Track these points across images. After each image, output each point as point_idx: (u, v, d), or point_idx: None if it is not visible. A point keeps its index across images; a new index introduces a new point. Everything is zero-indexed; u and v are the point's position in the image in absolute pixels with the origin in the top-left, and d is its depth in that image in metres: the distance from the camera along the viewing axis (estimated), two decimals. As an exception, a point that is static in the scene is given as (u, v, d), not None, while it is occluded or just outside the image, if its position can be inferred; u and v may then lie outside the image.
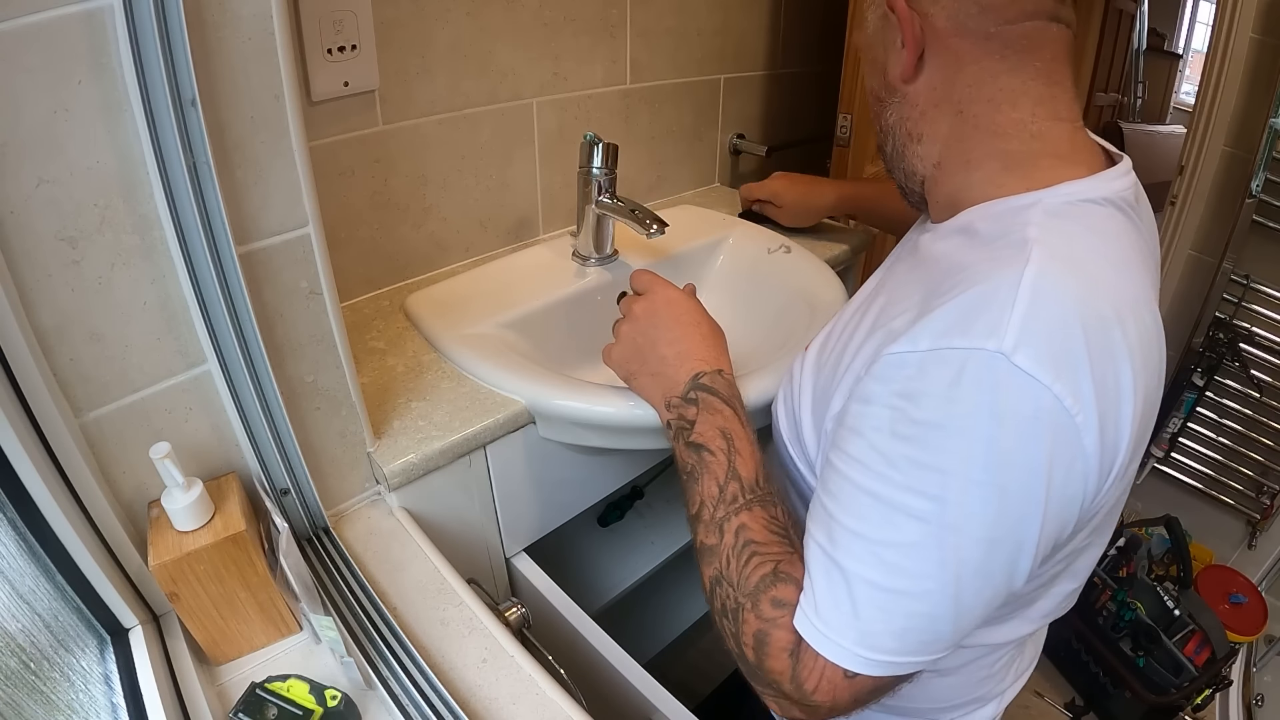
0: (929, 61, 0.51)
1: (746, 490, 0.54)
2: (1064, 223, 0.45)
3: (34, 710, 0.45)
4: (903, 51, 0.51)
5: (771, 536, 0.51)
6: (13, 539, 0.49)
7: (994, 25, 0.48)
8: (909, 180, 0.57)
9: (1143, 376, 0.42)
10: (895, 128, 0.55)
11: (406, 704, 0.52)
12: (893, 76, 0.53)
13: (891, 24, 0.52)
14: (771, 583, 0.49)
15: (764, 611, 0.48)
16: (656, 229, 0.84)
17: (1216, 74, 1.39)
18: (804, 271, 0.97)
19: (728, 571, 0.51)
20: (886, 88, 0.54)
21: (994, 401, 0.39)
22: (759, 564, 0.50)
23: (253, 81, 0.49)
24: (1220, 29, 1.35)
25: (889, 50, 0.53)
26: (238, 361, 0.55)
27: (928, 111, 0.52)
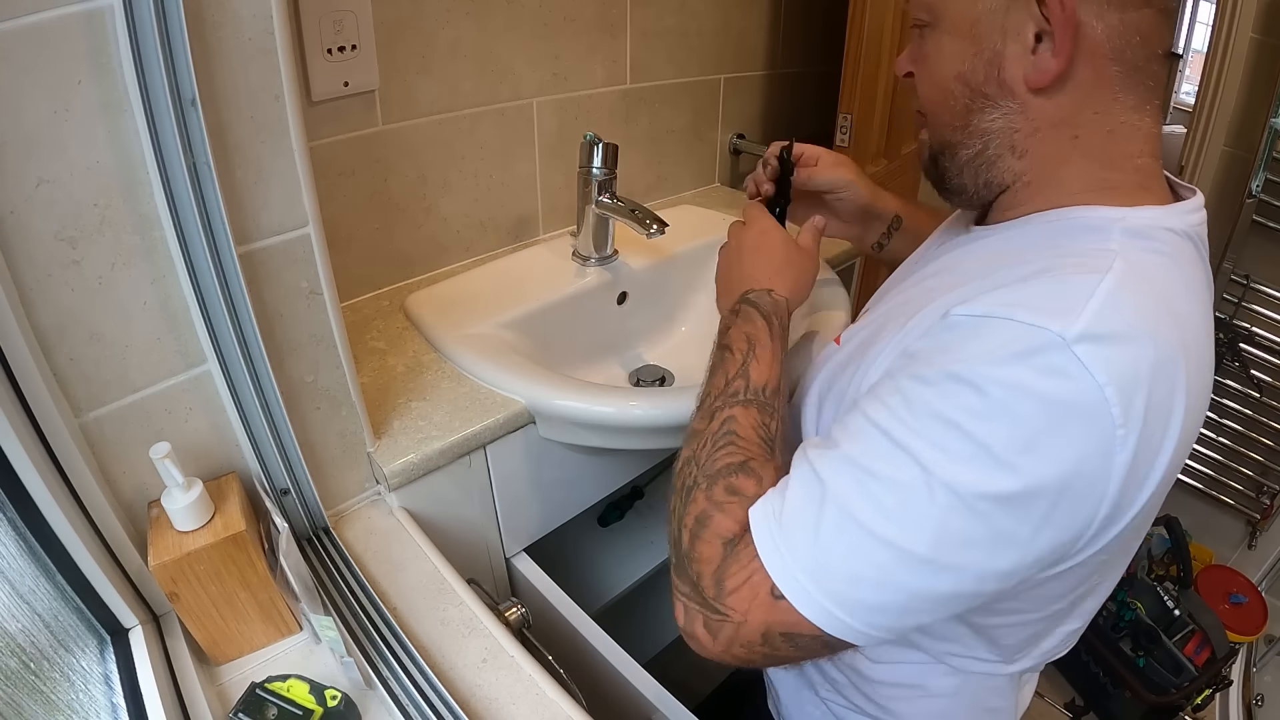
0: (1071, 78, 0.45)
1: (750, 390, 0.52)
2: (1145, 243, 0.43)
3: (34, 710, 0.45)
4: (1041, 55, 0.44)
5: (755, 437, 0.50)
6: (13, 539, 0.49)
7: (1144, 58, 0.44)
8: (984, 190, 0.51)
9: (1190, 419, 0.40)
10: (996, 135, 0.48)
11: (406, 704, 0.52)
12: (1013, 78, 0.46)
13: (1029, 14, 0.44)
14: (735, 471, 0.47)
15: (715, 495, 0.46)
16: (656, 229, 0.85)
17: (1216, 74, 1.39)
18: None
19: (700, 453, 0.49)
20: (998, 86, 0.46)
21: (1038, 381, 0.37)
22: (730, 453, 0.48)
23: (253, 81, 0.49)
24: (1220, 29, 1.35)
25: (1011, 41, 0.45)
26: (238, 361, 0.55)
27: (1043, 129, 0.47)
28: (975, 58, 0.47)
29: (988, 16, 0.46)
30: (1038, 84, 0.45)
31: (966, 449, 0.38)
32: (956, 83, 0.48)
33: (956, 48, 0.47)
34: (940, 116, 0.51)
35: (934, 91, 0.50)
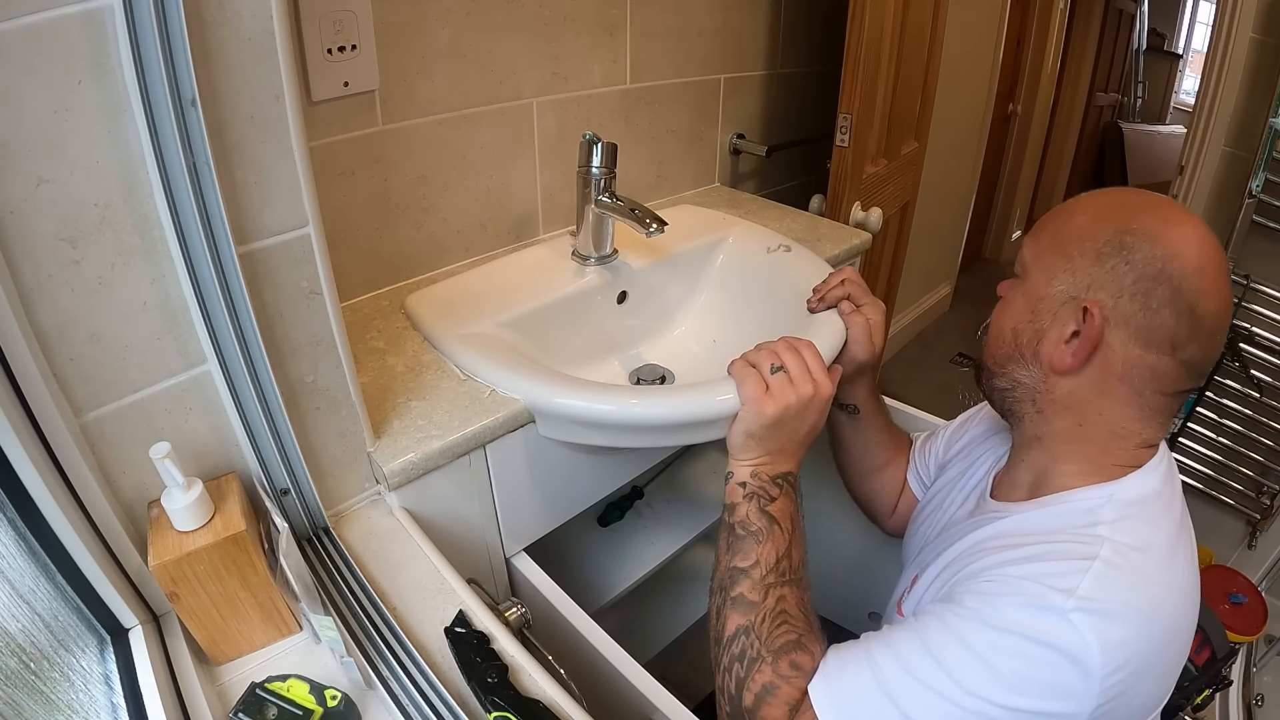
0: (1083, 375, 0.56)
1: (794, 569, 0.63)
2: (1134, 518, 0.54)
3: (34, 710, 0.45)
4: (1069, 345, 0.56)
5: (801, 614, 0.60)
6: (13, 539, 0.49)
7: (1150, 391, 0.55)
8: (1006, 414, 0.64)
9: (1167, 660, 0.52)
10: (1021, 385, 0.60)
11: (406, 704, 0.52)
12: (1044, 354, 0.57)
13: (1071, 311, 0.55)
14: (793, 649, 0.58)
15: (781, 669, 0.57)
16: (656, 228, 0.84)
17: (1216, 74, 1.39)
18: (803, 271, 0.96)
19: (759, 628, 0.59)
20: (1031, 351, 0.58)
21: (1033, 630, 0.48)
22: (787, 631, 0.59)
23: (253, 81, 0.49)
24: (1220, 29, 1.35)
25: (1054, 325, 0.56)
26: (238, 361, 0.55)
27: (1056, 403, 0.58)
28: (1029, 324, 0.59)
29: (1050, 300, 0.57)
30: (1056, 368, 0.57)
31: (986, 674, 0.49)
32: (1010, 333, 0.60)
33: (1023, 308, 0.59)
34: (992, 345, 0.63)
35: (996, 327, 0.63)
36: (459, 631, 0.57)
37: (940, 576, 0.62)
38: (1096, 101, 3.90)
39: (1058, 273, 0.56)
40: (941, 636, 0.52)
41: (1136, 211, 0.54)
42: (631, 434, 0.74)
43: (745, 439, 0.67)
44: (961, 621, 0.51)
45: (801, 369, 0.66)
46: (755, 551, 0.62)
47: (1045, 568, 0.51)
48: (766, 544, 0.63)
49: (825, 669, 0.56)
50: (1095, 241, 0.54)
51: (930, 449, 0.85)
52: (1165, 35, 4.20)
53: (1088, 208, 0.58)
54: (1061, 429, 0.58)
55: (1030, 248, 0.60)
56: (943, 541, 0.67)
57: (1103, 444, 0.57)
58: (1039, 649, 0.48)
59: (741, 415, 0.67)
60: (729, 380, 0.68)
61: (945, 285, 2.90)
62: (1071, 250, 0.56)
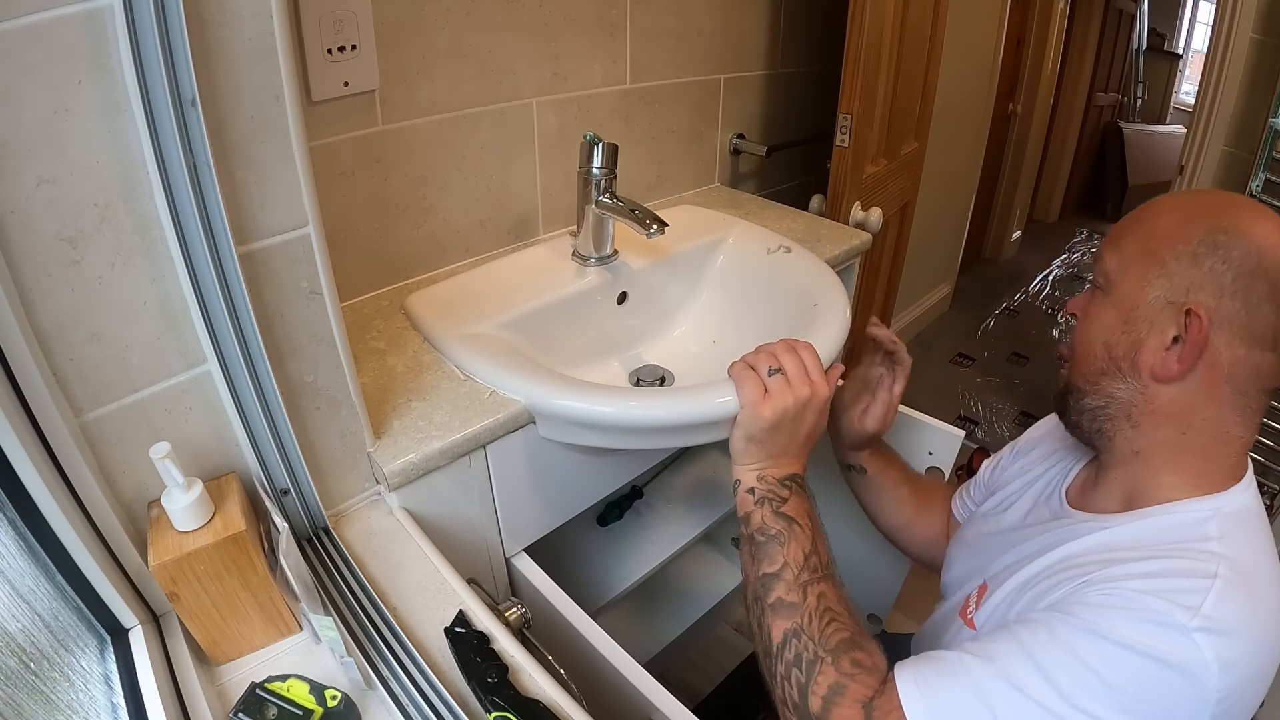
0: (1188, 380, 0.54)
1: (824, 565, 0.62)
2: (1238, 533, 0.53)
3: (34, 710, 0.45)
4: (1172, 351, 0.54)
5: (845, 610, 0.60)
6: (13, 539, 0.49)
7: (1254, 389, 0.54)
8: (1096, 436, 0.61)
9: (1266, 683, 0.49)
10: (1115, 400, 0.58)
11: (406, 704, 0.52)
12: (1144, 363, 0.56)
13: (1171, 316, 0.54)
14: (850, 647, 0.57)
15: (844, 668, 0.55)
16: (656, 229, 0.84)
17: (1216, 74, 1.39)
18: (804, 271, 0.97)
19: (809, 628, 0.58)
20: (1129, 363, 0.56)
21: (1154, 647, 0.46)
22: (838, 629, 0.58)
23: (253, 81, 0.49)
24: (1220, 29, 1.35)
25: (1152, 333, 0.55)
26: (238, 361, 0.55)
27: (1157, 414, 0.56)
28: (1123, 335, 0.57)
29: (1145, 308, 0.56)
30: (1159, 376, 0.55)
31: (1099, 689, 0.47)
32: (1102, 347, 0.58)
33: (1113, 319, 0.58)
34: (1081, 364, 0.61)
35: (1084, 344, 0.60)
36: (459, 631, 0.57)
37: (1025, 586, 0.59)
38: (1096, 101, 3.90)
39: (1151, 279, 0.55)
40: (1050, 649, 0.49)
41: (1223, 210, 0.54)
42: (631, 436, 0.75)
43: (746, 443, 0.67)
44: (1074, 633, 0.49)
45: (799, 370, 0.66)
46: (780, 554, 0.62)
47: (1166, 584, 0.49)
48: (790, 544, 0.62)
49: (918, 676, 0.53)
50: (1189, 243, 0.53)
51: (973, 483, 0.83)
52: (1165, 35, 4.20)
53: (1171, 210, 0.57)
54: (1162, 440, 0.56)
55: (1113, 258, 0.58)
56: (1016, 549, 0.64)
57: (1206, 451, 0.55)
58: (1158, 668, 0.46)
59: (740, 419, 0.66)
60: (728, 382, 0.68)
61: (945, 285, 2.90)
62: (1164, 254, 0.54)
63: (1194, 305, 0.53)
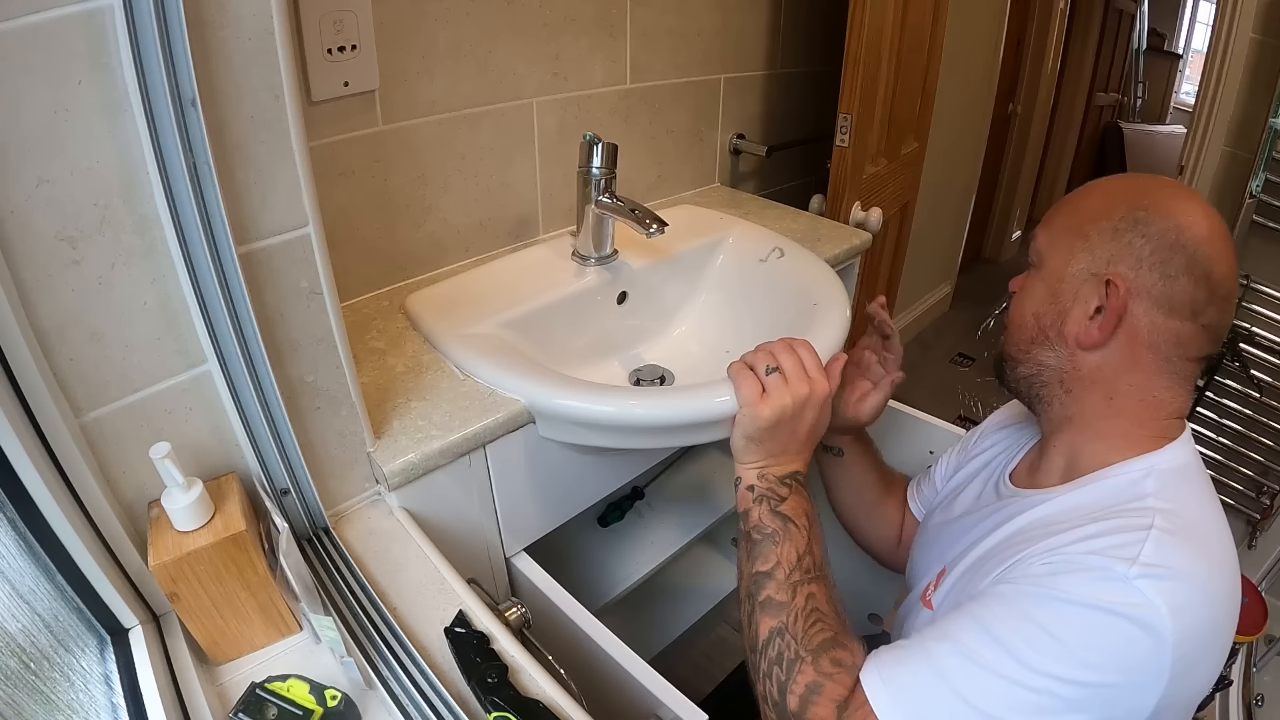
0: (1110, 347, 0.57)
1: (817, 565, 0.63)
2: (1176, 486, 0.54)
3: (34, 710, 0.45)
4: (1094, 320, 0.57)
5: (832, 610, 0.60)
6: (13, 539, 0.49)
7: (1177, 357, 0.56)
8: (1033, 401, 0.64)
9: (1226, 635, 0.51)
10: (1047, 368, 0.61)
11: (406, 704, 0.52)
12: (1070, 332, 0.59)
13: (1093, 287, 0.57)
14: (831, 646, 0.57)
15: (823, 667, 0.56)
16: (656, 228, 0.84)
17: (1216, 74, 1.39)
18: (804, 270, 0.97)
19: (793, 627, 0.59)
20: (1056, 332, 0.60)
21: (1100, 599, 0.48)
22: (822, 629, 0.59)
23: (253, 81, 0.49)
24: (1220, 29, 1.35)
25: (1077, 303, 0.58)
26: (238, 361, 0.55)
27: (1084, 380, 0.59)
28: (1051, 306, 0.60)
29: (1070, 280, 0.59)
30: (1083, 343, 0.58)
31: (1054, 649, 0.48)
32: (1032, 318, 0.62)
33: (1042, 292, 0.61)
34: (1013, 335, 0.64)
35: (1016, 316, 0.64)
36: (459, 631, 0.57)
37: (976, 565, 0.61)
38: (1096, 101, 3.90)
39: (1076, 252, 0.58)
40: (1003, 619, 0.51)
41: (1146, 190, 0.57)
42: (631, 435, 0.75)
43: (745, 442, 0.67)
44: (1023, 600, 0.51)
45: (797, 368, 0.66)
46: (775, 553, 0.62)
47: (1103, 542, 0.51)
48: (785, 543, 0.62)
49: (879, 667, 0.54)
50: (1111, 220, 0.57)
51: (932, 473, 0.85)
52: (1165, 35, 4.20)
53: (1098, 191, 0.60)
54: (1092, 405, 0.59)
55: (1044, 236, 0.62)
56: (969, 533, 0.66)
57: (1135, 415, 0.58)
58: (1108, 617, 0.47)
59: (739, 419, 0.67)
60: (728, 382, 0.68)
61: (945, 285, 2.90)
62: (1088, 230, 0.58)
63: (1113, 276, 0.55)
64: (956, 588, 0.63)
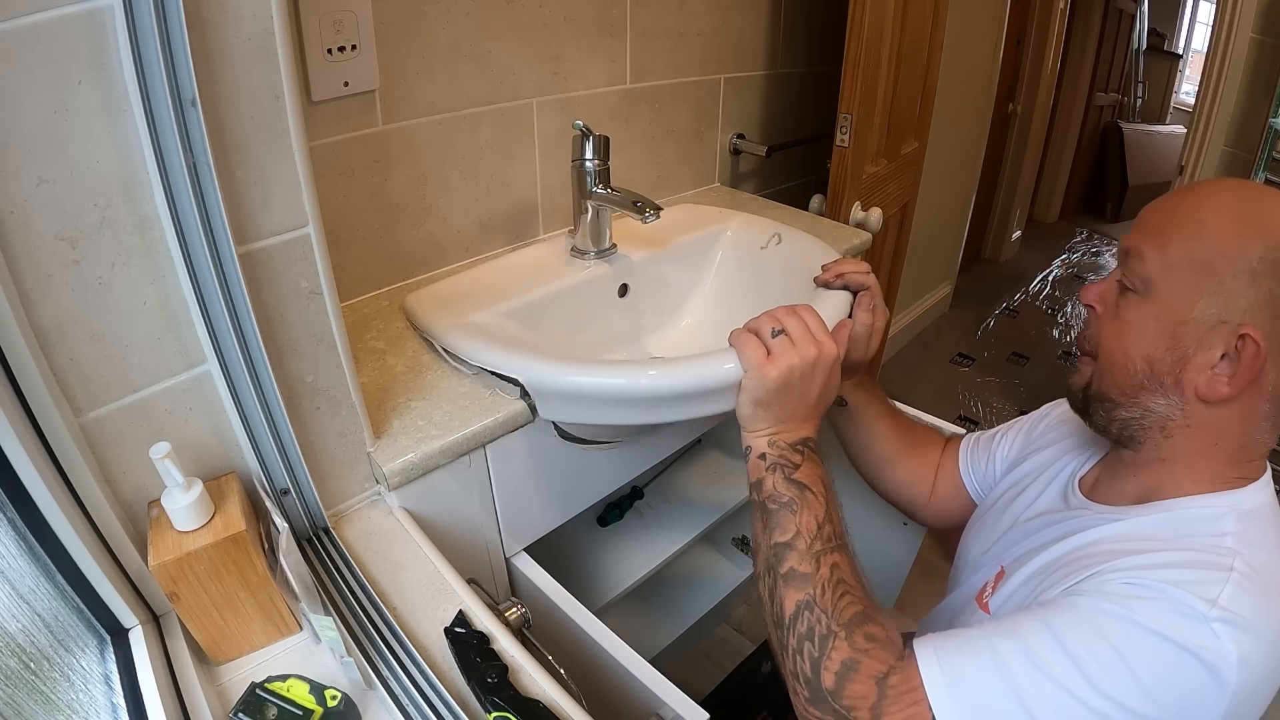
0: (1234, 402, 0.53)
1: (838, 535, 0.59)
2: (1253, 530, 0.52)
3: (34, 710, 0.45)
4: (1219, 371, 0.52)
5: (858, 582, 0.58)
6: (13, 539, 0.49)
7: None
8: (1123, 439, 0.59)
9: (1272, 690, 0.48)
10: (1154, 414, 0.56)
11: (406, 704, 0.52)
12: (1189, 381, 0.53)
13: (1222, 336, 0.51)
14: (864, 620, 0.55)
15: (858, 643, 0.54)
16: (651, 214, 0.84)
17: (1216, 74, 1.39)
18: (805, 253, 0.95)
19: (822, 601, 0.56)
20: (1173, 379, 0.54)
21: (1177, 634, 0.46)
22: (851, 602, 0.56)
23: (253, 81, 0.49)
24: (1220, 29, 1.35)
25: (1200, 351, 0.53)
26: (238, 361, 0.55)
27: (1193, 428, 0.55)
28: (1169, 351, 0.54)
29: (1194, 324, 0.53)
30: (1206, 397, 0.53)
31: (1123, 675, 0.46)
32: (1142, 360, 0.55)
33: (1157, 332, 0.54)
34: (1116, 375, 0.58)
35: (1119, 354, 0.57)
36: (459, 631, 0.57)
37: (1042, 574, 0.58)
38: (1096, 101, 3.90)
39: (1205, 294, 0.52)
40: (1076, 631, 0.48)
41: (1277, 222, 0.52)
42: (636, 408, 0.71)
43: (754, 408, 0.64)
44: (1100, 616, 0.48)
45: (803, 330, 0.63)
46: (793, 522, 0.59)
47: (1184, 574, 0.49)
48: (803, 512, 0.59)
49: (939, 653, 0.51)
50: (1246, 260, 0.50)
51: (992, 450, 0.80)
52: (1165, 35, 4.20)
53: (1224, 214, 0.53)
54: (1194, 450, 0.55)
55: (1156, 260, 0.54)
56: (1032, 537, 0.64)
57: (1233, 457, 0.55)
58: (1181, 654, 0.45)
59: (745, 384, 0.64)
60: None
61: (945, 285, 2.90)
62: (1220, 269, 0.51)
63: (1251, 329, 0.50)
64: (1019, 594, 0.60)
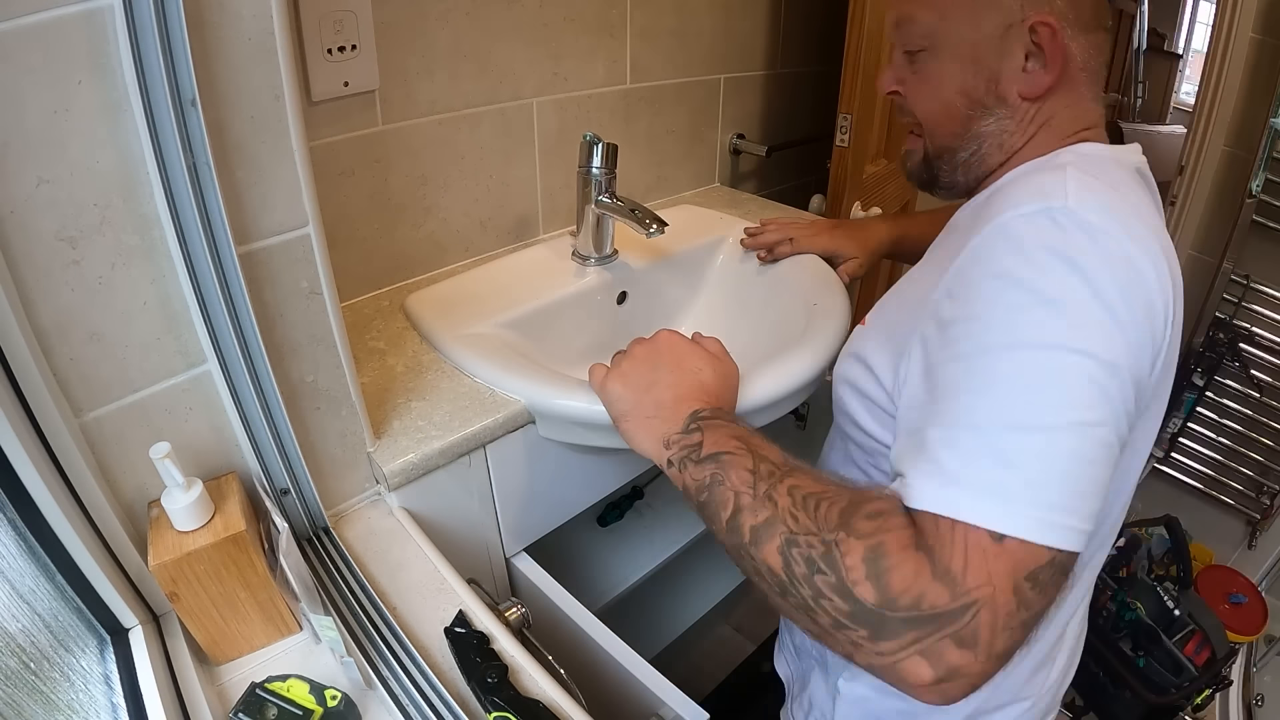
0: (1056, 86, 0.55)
1: (779, 466, 0.51)
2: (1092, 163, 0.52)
3: (34, 710, 0.45)
4: (1034, 72, 0.55)
5: (827, 485, 0.48)
6: (13, 539, 0.49)
7: (1098, 64, 0.56)
8: (974, 182, 0.61)
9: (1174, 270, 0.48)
10: (989, 137, 0.58)
11: (406, 704, 0.52)
12: (1008, 90, 0.56)
13: (1018, 38, 0.54)
14: (855, 508, 0.45)
15: (864, 529, 0.43)
16: (656, 228, 0.84)
17: (1216, 74, 1.39)
18: (803, 269, 0.97)
19: (798, 526, 0.46)
20: (993, 96, 0.57)
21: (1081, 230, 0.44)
22: (829, 504, 0.46)
23: (253, 81, 0.49)
24: (1220, 29, 1.35)
25: (1005, 60, 0.55)
26: (238, 361, 0.55)
27: (1028, 127, 0.57)
28: (975, 75, 0.57)
29: (986, 42, 0.55)
30: (1031, 94, 0.56)
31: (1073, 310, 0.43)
32: (959, 96, 0.58)
33: (957, 68, 0.57)
34: (942, 126, 0.60)
35: (934, 106, 0.60)
36: (459, 631, 0.57)
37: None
38: (1096, 102, 3.89)
39: (979, 10, 0.55)
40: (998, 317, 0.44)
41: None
42: None
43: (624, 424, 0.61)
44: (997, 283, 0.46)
45: (637, 340, 0.65)
46: (725, 492, 0.51)
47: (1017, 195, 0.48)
48: (729, 474, 0.51)
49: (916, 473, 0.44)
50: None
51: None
52: (1165, 35, 4.19)
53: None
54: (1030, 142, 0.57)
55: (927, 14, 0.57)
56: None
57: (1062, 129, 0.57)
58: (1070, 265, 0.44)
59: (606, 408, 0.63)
60: None
61: (945, 285, 2.89)
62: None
63: (1036, 20, 0.53)
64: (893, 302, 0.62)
